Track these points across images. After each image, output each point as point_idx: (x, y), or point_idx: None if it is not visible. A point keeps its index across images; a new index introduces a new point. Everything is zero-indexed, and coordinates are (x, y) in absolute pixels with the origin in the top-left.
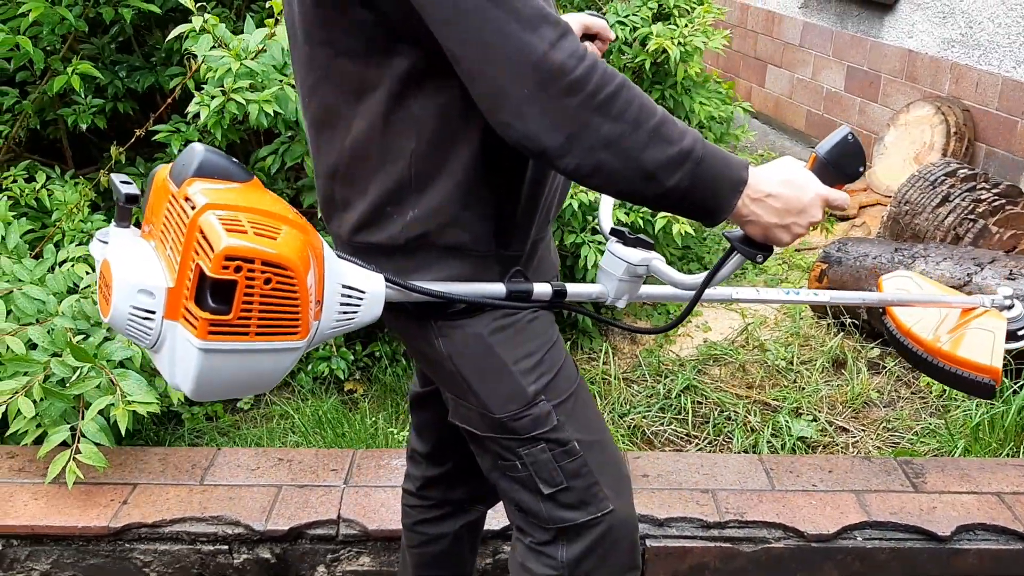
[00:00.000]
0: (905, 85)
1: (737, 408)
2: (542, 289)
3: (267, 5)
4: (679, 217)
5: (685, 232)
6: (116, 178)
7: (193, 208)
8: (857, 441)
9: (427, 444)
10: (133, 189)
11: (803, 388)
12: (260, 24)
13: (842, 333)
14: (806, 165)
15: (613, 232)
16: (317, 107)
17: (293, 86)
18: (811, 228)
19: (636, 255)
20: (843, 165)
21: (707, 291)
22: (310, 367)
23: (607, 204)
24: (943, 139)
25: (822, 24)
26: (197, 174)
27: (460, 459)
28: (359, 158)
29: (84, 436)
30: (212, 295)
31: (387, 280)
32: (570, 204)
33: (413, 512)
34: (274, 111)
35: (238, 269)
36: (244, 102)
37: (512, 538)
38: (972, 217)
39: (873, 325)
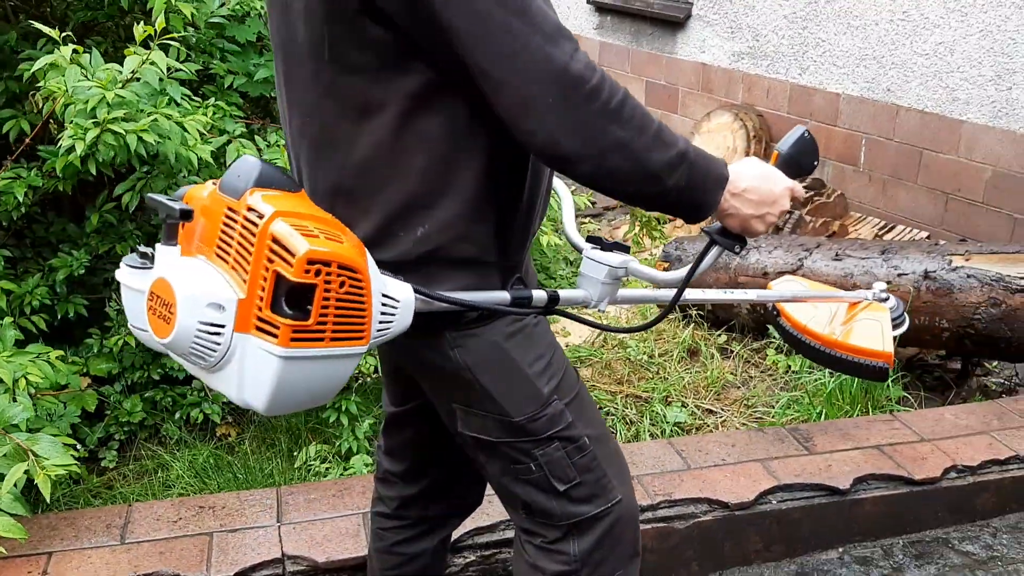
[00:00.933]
0: (702, 96)
1: (614, 403)
2: (539, 295)
3: (141, 27)
4: (545, 229)
5: (552, 243)
6: (158, 197)
7: (260, 217)
8: (724, 420)
9: (402, 463)
10: (185, 205)
11: (666, 378)
12: (105, 55)
13: (692, 325)
14: (769, 162)
15: (590, 239)
16: (318, 125)
17: (168, 116)
18: (781, 217)
19: (616, 258)
20: (802, 160)
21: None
22: (178, 415)
23: (571, 218)
24: (744, 143)
25: (618, 43)
26: (257, 184)
27: (438, 474)
28: (365, 177)
29: None
30: (286, 302)
31: (415, 290)
32: None
33: (389, 534)
34: (155, 141)
35: (317, 273)
36: (123, 132)
37: (516, 542)
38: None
39: (718, 315)
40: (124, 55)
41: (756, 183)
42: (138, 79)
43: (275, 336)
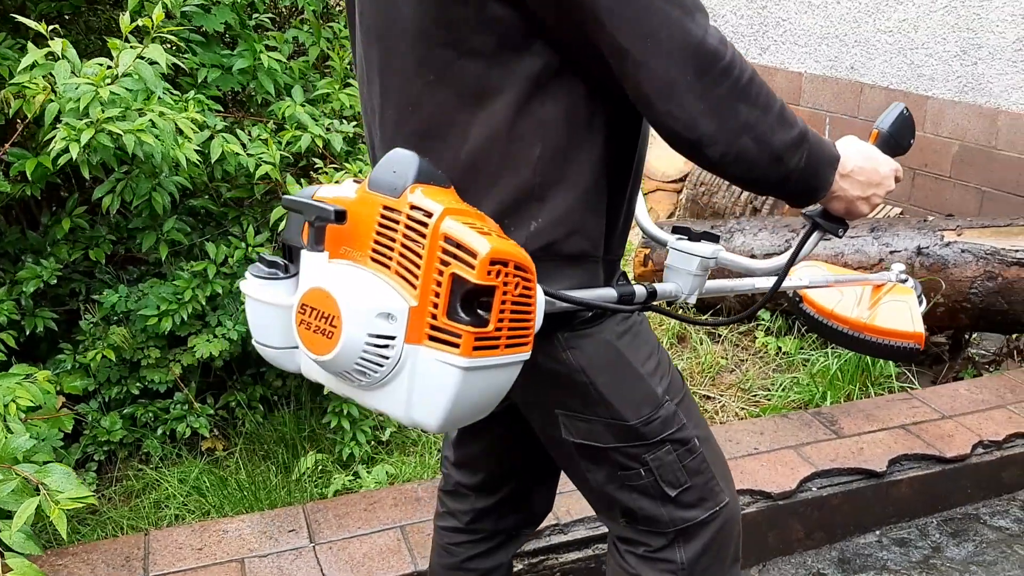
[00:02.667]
0: None
1: None
2: (640, 291)
3: (127, 18)
4: None
5: None
6: (308, 192)
7: (428, 216)
8: (723, 406)
9: (477, 475)
10: (339, 206)
11: None
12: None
13: (679, 311)
14: (868, 141)
15: (676, 230)
16: (424, 116)
17: (162, 114)
18: (886, 197)
19: (707, 248)
20: (900, 138)
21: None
22: (160, 430)
23: (644, 211)
24: None
25: None
26: (418, 180)
27: (516, 485)
28: (476, 169)
29: (9, 550)
30: (461, 307)
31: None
32: None
33: (461, 549)
34: (153, 141)
35: (498, 274)
36: (120, 133)
37: (613, 553)
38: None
39: (703, 299)
40: (109, 49)
41: (863, 163)
42: (128, 75)
43: (456, 346)
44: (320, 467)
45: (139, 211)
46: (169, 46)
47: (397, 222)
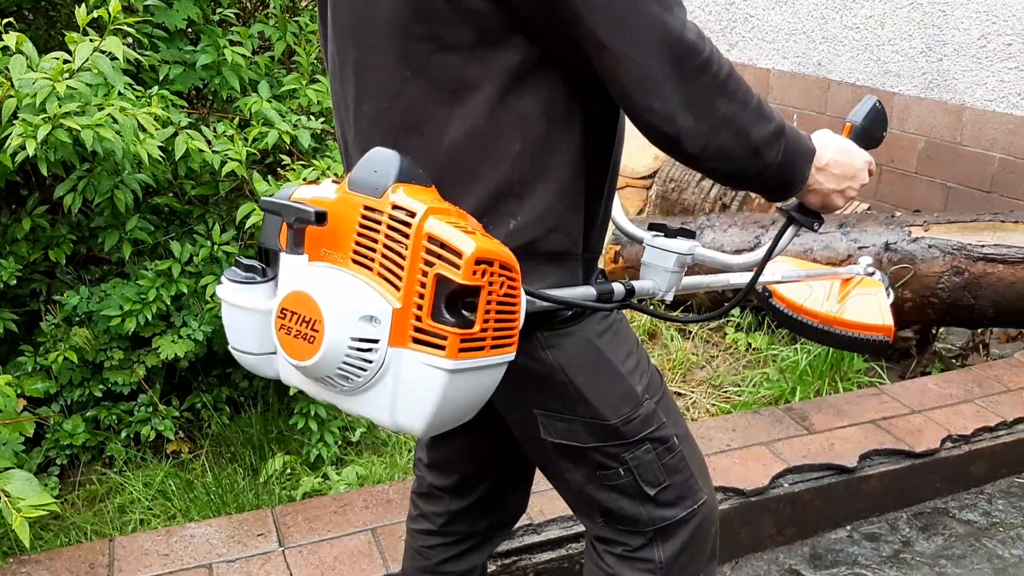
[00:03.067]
0: None
1: None
2: (618, 288)
3: (83, 11)
4: None
5: None
6: (285, 193)
7: (411, 215)
8: (694, 402)
9: (451, 477)
10: (319, 207)
11: None
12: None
13: (651, 307)
14: (842, 134)
15: (652, 227)
16: (400, 111)
17: (123, 110)
18: (861, 190)
19: (684, 244)
20: (873, 131)
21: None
22: (124, 433)
23: (620, 208)
24: None
25: None
26: (399, 179)
27: (491, 486)
28: (455, 165)
29: None
30: (446, 308)
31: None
32: None
33: (435, 552)
34: (112, 137)
35: (483, 274)
36: (78, 128)
37: (591, 553)
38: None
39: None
40: (66, 42)
41: (838, 156)
42: (87, 69)
43: (441, 348)
44: (288, 469)
45: (101, 209)
46: (129, 40)
47: (379, 222)
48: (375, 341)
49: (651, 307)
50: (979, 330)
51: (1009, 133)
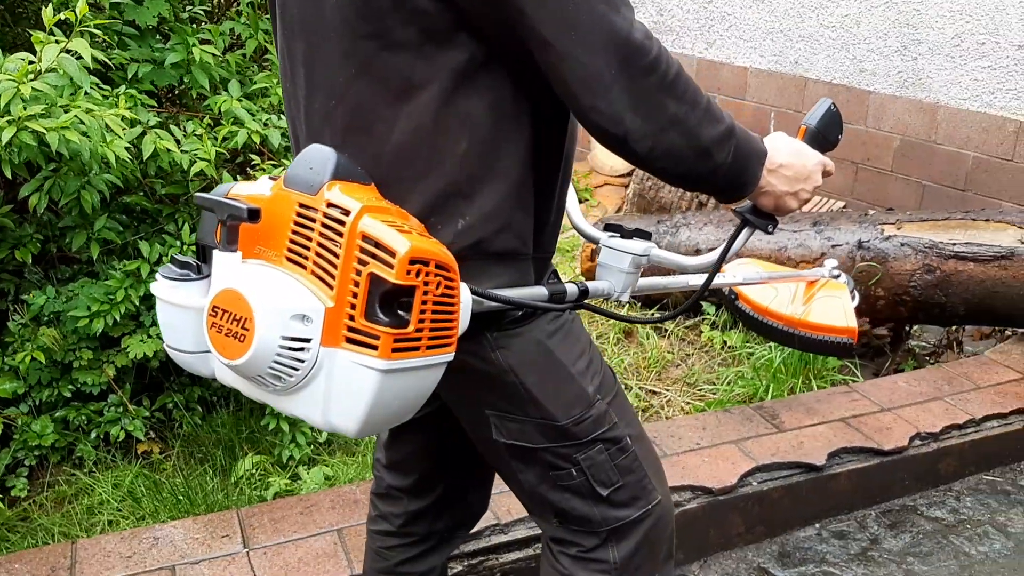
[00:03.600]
0: None
1: None
2: (571, 288)
3: (50, 11)
4: None
5: None
6: (223, 190)
7: (346, 213)
8: (669, 400)
9: (409, 477)
10: (252, 204)
11: (607, 361)
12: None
13: (626, 306)
14: (796, 137)
15: (608, 227)
16: (347, 110)
17: (89, 111)
18: (815, 193)
19: (639, 245)
20: (829, 133)
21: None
22: (94, 434)
23: (577, 208)
24: None
25: None
26: (335, 177)
27: (449, 486)
28: (402, 164)
29: None
30: (380, 308)
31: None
32: None
33: (394, 553)
34: (78, 139)
35: (418, 273)
36: (43, 131)
37: (546, 554)
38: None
39: (649, 295)
40: (32, 43)
41: (790, 158)
42: (53, 70)
43: (374, 348)
44: (260, 469)
45: (69, 209)
46: (98, 40)
47: (314, 220)
48: (307, 340)
49: (609, 307)
50: (953, 328)
51: (983, 132)
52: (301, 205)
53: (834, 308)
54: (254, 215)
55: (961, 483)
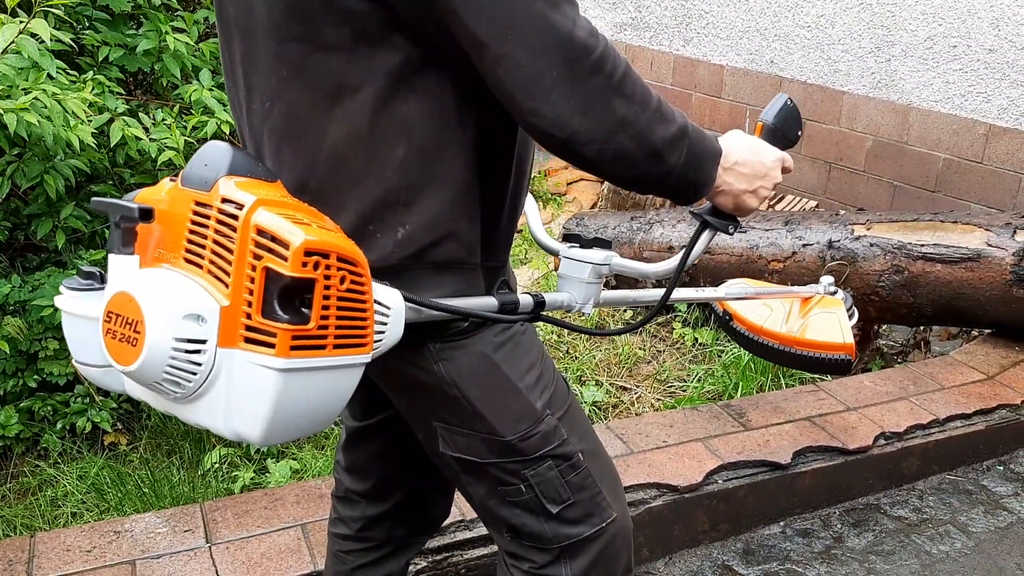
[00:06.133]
0: None
1: None
2: (525, 300)
3: None
4: None
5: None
6: (107, 199)
7: (239, 207)
8: (639, 396)
9: (367, 482)
10: (143, 204)
11: (577, 357)
12: None
13: None
14: (754, 134)
15: (567, 238)
16: (281, 113)
17: (53, 94)
18: (774, 189)
19: (599, 255)
20: (787, 130)
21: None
22: (60, 424)
23: (537, 220)
24: None
25: None
26: (231, 172)
27: (407, 492)
28: (337, 170)
29: None
30: (279, 305)
31: (404, 297)
32: None
33: (351, 557)
34: (36, 121)
35: (316, 266)
36: (0, 111)
37: (501, 566)
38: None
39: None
40: None
41: (746, 156)
42: (16, 52)
43: (271, 346)
44: (227, 462)
45: (35, 196)
46: (65, 22)
47: (208, 217)
48: (202, 342)
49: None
50: (920, 327)
51: (953, 134)
52: (197, 203)
53: (830, 325)
54: (146, 215)
55: (924, 482)
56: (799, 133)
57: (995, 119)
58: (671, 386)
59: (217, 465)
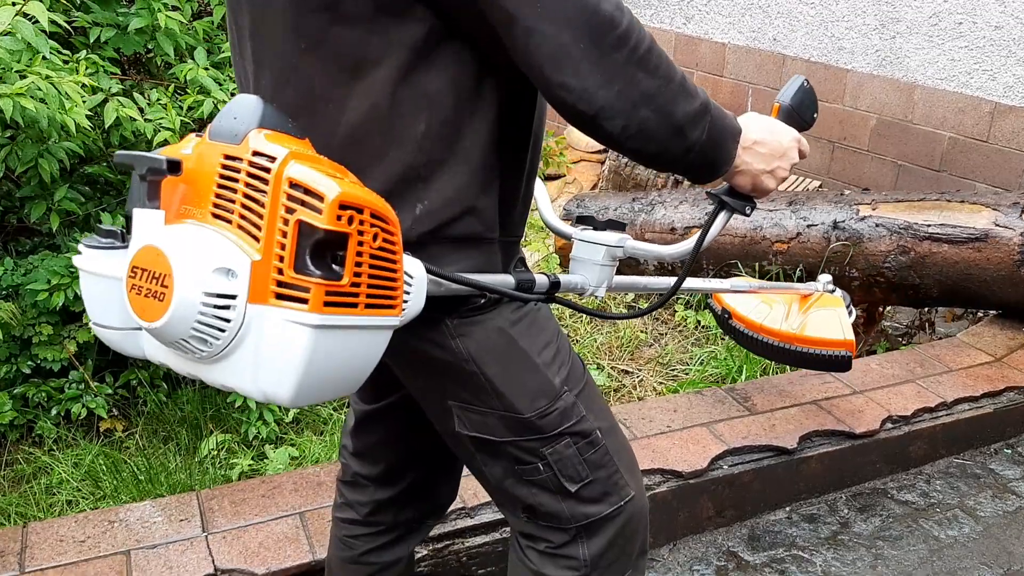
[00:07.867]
0: None
1: None
2: (541, 279)
3: None
4: None
5: None
6: (133, 152)
7: (272, 160)
8: (641, 380)
9: (376, 466)
10: (172, 156)
11: (578, 340)
12: None
13: None
14: (770, 115)
15: (581, 220)
16: (297, 88)
17: (46, 77)
18: (791, 170)
19: (613, 237)
20: (803, 112)
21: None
22: (55, 411)
23: (548, 203)
24: None
25: None
26: (261, 125)
27: (416, 475)
28: (355, 146)
29: None
30: (311, 260)
31: (427, 269)
32: None
33: (359, 542)
34: (34, 106)
35: (351, 220)
36: None
37: (515, 548)
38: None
39: (624, 272)
40: None
41: (765, 135)
42: (8, 34)
43: (304, 302)
44: (225, 448)
45: (28, 179)
46: (59, 3)
47: (239, 171)
48: (232, 297)
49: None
50: (926, 309)
51: (959, 112)
52: (226, 156)
53: (830, 321)
54: (175, 167)
55: (932, 466)
56: (815, 116)
57: (1001, 97)
58: (673, 369)
59: (215, 452)
